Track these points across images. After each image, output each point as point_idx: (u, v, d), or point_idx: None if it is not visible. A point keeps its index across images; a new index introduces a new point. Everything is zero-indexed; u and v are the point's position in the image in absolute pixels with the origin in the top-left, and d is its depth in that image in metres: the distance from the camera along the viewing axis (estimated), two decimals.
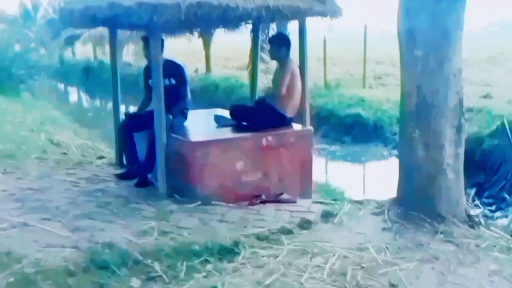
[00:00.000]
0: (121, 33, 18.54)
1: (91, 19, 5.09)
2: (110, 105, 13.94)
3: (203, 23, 5.57)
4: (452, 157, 4.15)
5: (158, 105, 5.07)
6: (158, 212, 4.58)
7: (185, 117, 5.74)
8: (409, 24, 4.13)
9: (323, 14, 5.19)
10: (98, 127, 12.75)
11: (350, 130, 11.19)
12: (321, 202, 4.93)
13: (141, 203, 4.82)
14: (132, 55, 24.16)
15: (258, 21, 6.49)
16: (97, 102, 22.64)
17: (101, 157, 7.09)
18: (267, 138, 5.11)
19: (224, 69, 20.53)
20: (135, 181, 5.47)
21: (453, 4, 3.98)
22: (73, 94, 26.86)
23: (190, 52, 25.02)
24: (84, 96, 25.60)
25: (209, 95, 15.09)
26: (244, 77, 14.82)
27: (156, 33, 5.00)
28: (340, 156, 10.31)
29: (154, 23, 4.66)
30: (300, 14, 5.10)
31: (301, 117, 5.62)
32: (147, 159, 5.48)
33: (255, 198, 4.93)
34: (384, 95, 12.27)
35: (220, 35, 19.02)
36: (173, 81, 5.45)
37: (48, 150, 7.37)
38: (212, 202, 4.83)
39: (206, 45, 19.08)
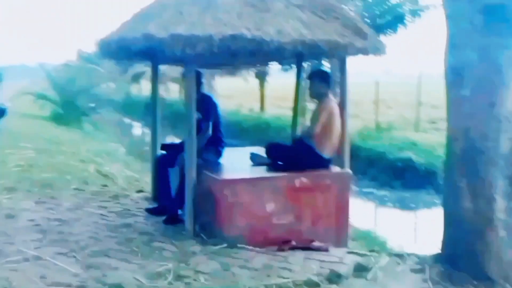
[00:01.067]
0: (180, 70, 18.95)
1: (127, 52, 4.93)
2: (168, 139, 14.04)
3: (239, 57, 5.28)
4: (504, 211, 3.54)
5: (189, 140, 4.77)
6: (179, 253, 4.21)
7: (220, 154, 5.40)
8: (455, 60, 3.64)
9: (364, 51, 4.77)
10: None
11: (400, 175, 10.48)
12: (356, 253, 4.38)
13: (165, 242, 4.46)
14: None
15: (300, 58, 6.18)
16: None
17: (140, 191, 6.85)
18: (301, 179, 4.66)
19: (279, 109, 20.30)
20: (164, 217, 5.16)
21: (504, 39, 3.45)
22: (137, 128, 27.43)
23: (248, 92, 25.16)
24: (146, 130, 26.06)
25: (260, 134, 14.84)
26: None
27: (189, 66, 4.75)
28: (388, 202, 9.61)
29: (187, 56, 4.40)
30: (339, 50, 4.69)
31: (340, 159, 5.15)
32: (178, 195, 5.16)
33: (285, 243, 4.46)
34: (438, 140, 11.50)
35: (278, 76, 19.01)
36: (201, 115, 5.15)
37: (90, 181, 7.22)
38: (239, 245, 4.41)
39: (261, 84, 19.01)
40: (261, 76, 18.00)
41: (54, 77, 18.24)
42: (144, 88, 35.92)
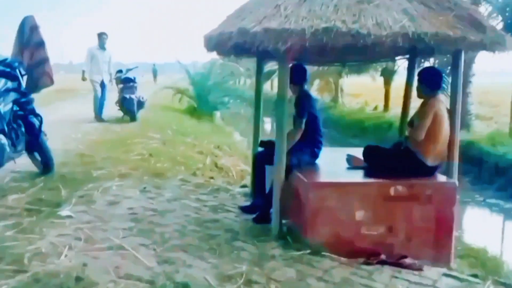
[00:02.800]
0: (309, 70, 18.63)
1: (227, 46, 4.73)
2: None
3: (338, 52, 4.79)
4: None
5: (279, 138, 4.43)
6: (257, 255, 3.89)
7: (315, 155, 4.97)
8: None
9: (481, 46, 4.01)
10: None
11: None
12: (454, 277, 3.69)
13: (246, 242, 4.18)
14: (316, 90, 24.08)
15: (412, 55, 5.50)
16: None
17: (244, 186, 6.69)
18: (396, 187, 4.07)
19: None
20: (255, 215, 4.89)
21: None
22: (268, 124, 27.78)
23: (376, 90, 24.02)
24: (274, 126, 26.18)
25: (382, 133, 13.95)
26: None
27: (282, 60, 4.39)
28: None
29: (279, 50, 4.05)
30: (450, 45, 3.98)
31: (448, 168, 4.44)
32: (270, 194, 4.85)
33: (373, 256, 3.92)
34: None
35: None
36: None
37: (200, 173, 7.24)
38: (322, 253, 3.97)
39: (386, 83, 17.92)
40: (387, 74, 16.97)
41: (193, 73, 18.95)
42: (275, 86, 36.38)
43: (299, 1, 4.22)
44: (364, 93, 26.59)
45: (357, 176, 4.45)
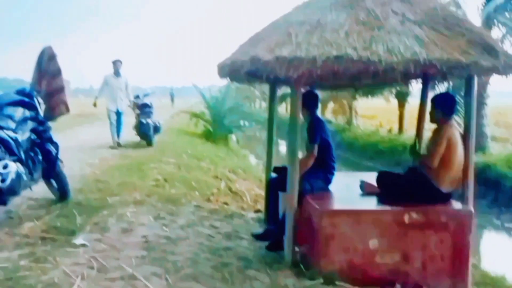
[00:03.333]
0: (323, 93, 18.64)
1: (239, 74, 4.74)
2: None
3: (350, 76, 4.77)
4: None
5: (291, 165, 4.38)
6: (270, 285, 3.81)
7: (328, 180, 4.91)
8: None
9: (494, 70, 3.94)
10: None
11: None
12: None
13: (259, 270, 4.10)
14: (330, 112, 24.06)
15: (426, 78, 5.46)
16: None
17: (258, 211, 6.64)
18: (411, 215, 3.97)
19: None
20: (268, 243, 4.81)
21: None
22: (283, 146, 27.75)
23: (390, 112, 23.89)
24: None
25: (396, 156, 13.76)
26: None
27: (294, 87, 4.37)
28: None
29: (291, 77, 4.03)
30: (462, 70, 3.93)
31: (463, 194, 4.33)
32: (283, 221, 4.79)
33: (389, 286, 3.82)
34: None
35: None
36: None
37: (213, 198, 7.20)
38: (337, 282, 3.87)
39: (400, 105, 17.80)
40: (401, 96, 16.88)
41: (208, 97, 19.02)
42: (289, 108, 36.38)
43: (310, 28, 4.21)
44: (379, 115, 26.48)
45: (371, 203, 4.36)
